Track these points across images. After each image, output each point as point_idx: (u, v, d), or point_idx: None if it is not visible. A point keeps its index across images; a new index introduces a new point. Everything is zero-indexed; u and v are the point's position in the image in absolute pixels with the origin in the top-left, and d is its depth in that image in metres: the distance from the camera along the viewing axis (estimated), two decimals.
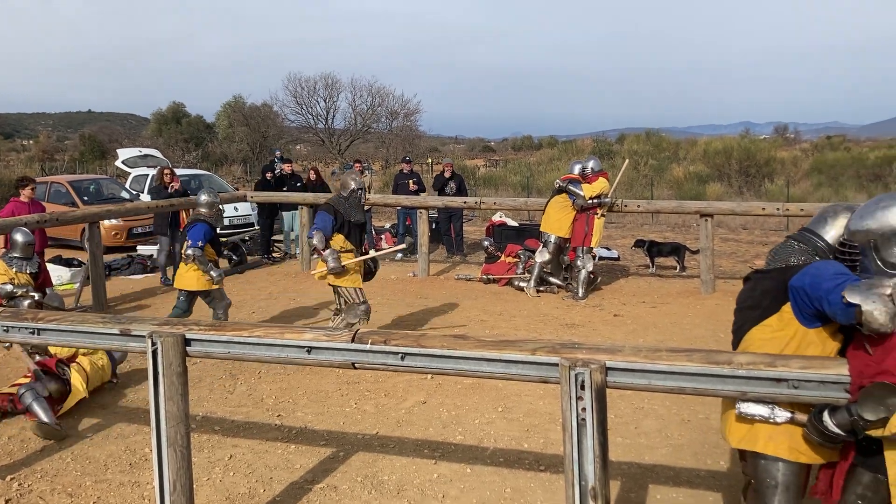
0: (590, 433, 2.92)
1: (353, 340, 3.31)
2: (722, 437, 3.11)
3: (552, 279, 10.09)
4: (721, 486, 4.49)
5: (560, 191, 9.73)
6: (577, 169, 9.82)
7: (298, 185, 13.43)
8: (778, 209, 10.01)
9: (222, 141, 42.01)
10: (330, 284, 7.14)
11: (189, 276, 7.23)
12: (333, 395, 6.20)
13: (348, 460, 4.97)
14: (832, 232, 2.95)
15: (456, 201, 12.01)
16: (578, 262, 9.64)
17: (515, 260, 10.76)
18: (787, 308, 2.80)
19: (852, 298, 2.46)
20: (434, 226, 13.79)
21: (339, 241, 7.02)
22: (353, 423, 5.61)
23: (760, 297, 2.93)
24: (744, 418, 2.91)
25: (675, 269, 11.60)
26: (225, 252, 8.85)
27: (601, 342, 3.17)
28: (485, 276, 10.88)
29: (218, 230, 7.62)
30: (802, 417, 2.77)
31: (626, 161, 11.45)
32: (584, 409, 2.92)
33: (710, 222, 9.99)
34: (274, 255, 13.39)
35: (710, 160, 26.79)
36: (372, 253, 7.47)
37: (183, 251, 7.31)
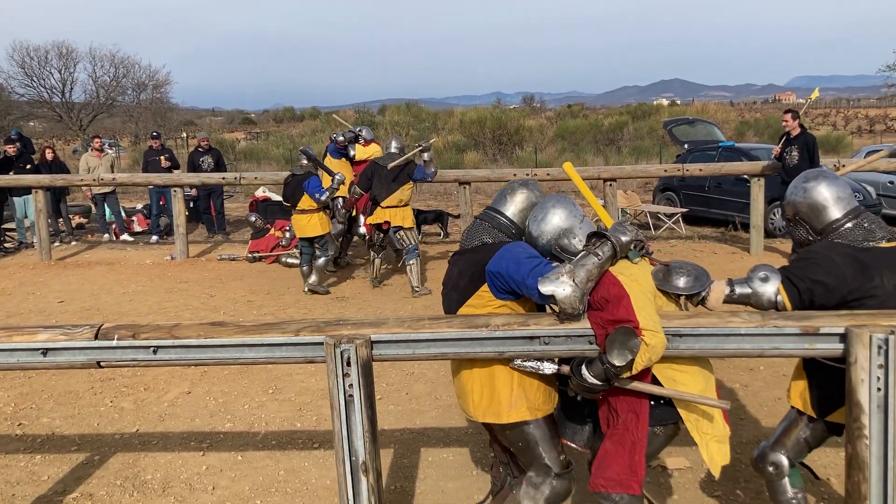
0: (358, 409, 2.92)
1: (96, 337, 3.02)
2: (465, 415, 3.21)
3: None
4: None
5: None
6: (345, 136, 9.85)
7: (28, 166, 12.04)
8: (527, 174, 10.63)
9: None
10: (398, 227, 8.45)
11: (310, 224, 8.39)
12: (85, 394, 5.69)
13: (105, 464, 4.59)
14: (512, 208, 3.16)
15: (214, 177, 11.44)
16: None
17: (282, 235, 10.51)
18: (484, 289, 3.00)
19: (545, 290, 2.72)
20: (192, 204, 13.09)
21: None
22: (109, 423, 5.19)
23: (458, 277, 3.11)
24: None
25: (440, 235, 12.00)
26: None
27: (365, 317, 3.16)
28: (250, 255, 10.54)
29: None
30: (567, 369, 2.95)
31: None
32: (351, 386, 2.90)
33: (469, 189, 10.42)
34: (6, 245, 11.98)
35: (467, 130, 27.90)
36: None
37: (319, 197, 8.25)
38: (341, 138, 9.67)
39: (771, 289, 2.89)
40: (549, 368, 2.96)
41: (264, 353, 3.02)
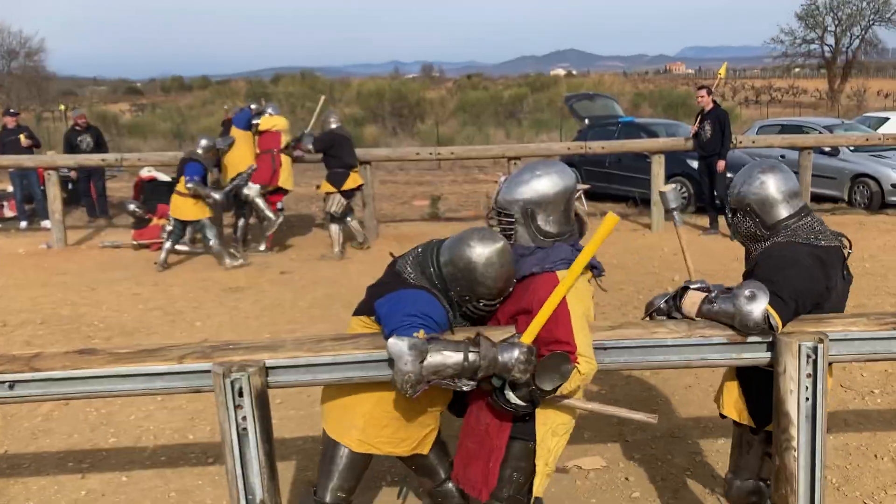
0: (253, 444, 2.59)
1: None
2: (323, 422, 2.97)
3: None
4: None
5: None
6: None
7: None
8: (430, 153, 10.38)
9: None
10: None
11: (182, 207, 8.49)
12: None
13: None
14: (448, 267, 2.64)
15: (93, 159, 10.62)
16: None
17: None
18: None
19: (391, 348, 2.38)
20: (70, 186, 12.17)
21: None
22: None
23: (374, 288, 2.78)
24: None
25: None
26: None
27: (259, 339, 2.82)
28: (135, 242, 9.85)
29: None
30: (486, 386, 2.70)
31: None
32: (244, 419, 2.57)
33: (370, 168, 10.04)
34: None
35: (365, 102, 27.31)
36: None
37: (184, 185, 8.42)
38: (255, 105, 9.54)
39: (758, 309, 2.61)
40: (466, 385, 2.71)
41: (142, 385, 2.64)
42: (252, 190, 9.22)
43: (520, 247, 2.69)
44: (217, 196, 8.52)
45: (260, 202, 9.26)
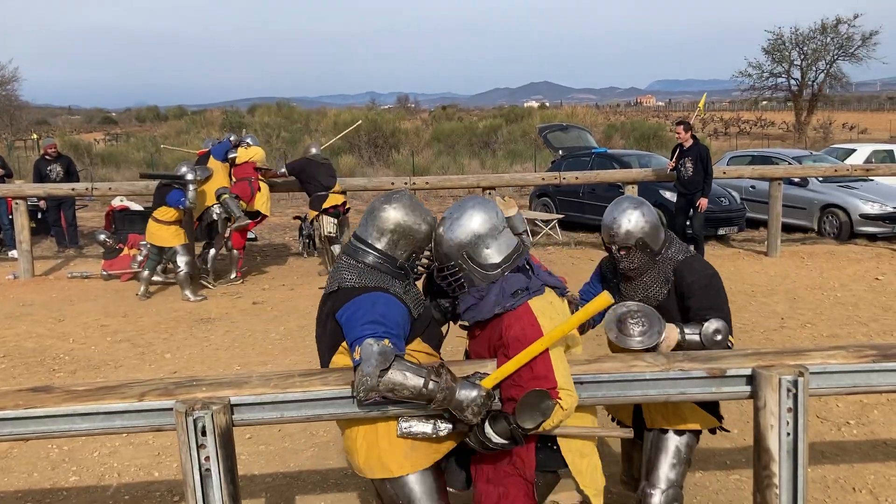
0: (216, 485, 2.47)
1: None
2: (357, 472, 2.78)
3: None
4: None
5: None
6: (209, 144, 9.62)
7: None
8: (406, 183, 10.33)
9: None
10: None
11: (160, 234, 8.43)
12: None
13: None
14: (384, 240, 2.63)
15: (62, 189, 10.43)
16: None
17: (137, 251, 9.66)
18: (344, 345, 2.59)
19: (357, 352, 2.37)
20: (40, 215, 11.97)
21: None
22: None
23: (325, 319, 2.66)
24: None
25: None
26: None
27: (224, 375, 2.71)
28: (105, 272, 9.65)
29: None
30: (462, 427, 2.60)
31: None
32: (207, 459, 2.46)
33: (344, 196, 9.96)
34: None
35: (341, 132, 27.30)
36: None
37: (167, 213, 8.38)
38: (234, 137, 9.56)
39: (724, 342, 2.85)
40: (444, 429, 2.59)
41: (101, 423, 2.53)
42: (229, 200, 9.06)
43: (474, 290, 2.60)
44: (198, 176, 8.49)
45: (232, 205, 9.01)
